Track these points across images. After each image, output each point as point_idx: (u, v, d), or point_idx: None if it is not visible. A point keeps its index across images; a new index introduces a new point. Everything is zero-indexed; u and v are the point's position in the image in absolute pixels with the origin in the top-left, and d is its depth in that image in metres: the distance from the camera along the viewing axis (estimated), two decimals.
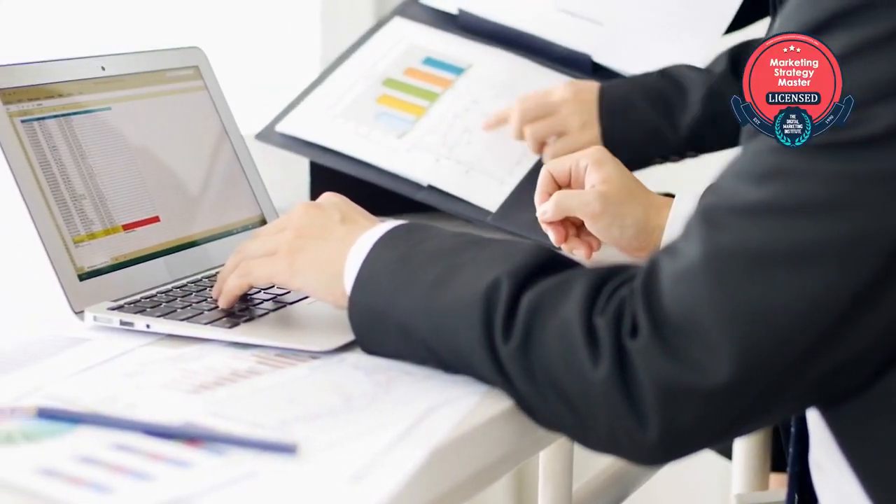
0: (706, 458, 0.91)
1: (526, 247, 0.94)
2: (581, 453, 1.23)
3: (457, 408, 0.90)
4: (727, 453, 1.69)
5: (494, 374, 0.91)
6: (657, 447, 0.85)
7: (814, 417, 0.97)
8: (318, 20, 2.30)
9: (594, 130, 1.46)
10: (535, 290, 0.89)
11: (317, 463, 0.81)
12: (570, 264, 0.94)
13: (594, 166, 1.25)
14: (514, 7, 1.65)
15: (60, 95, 1.14)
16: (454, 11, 1.67)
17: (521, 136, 1.48)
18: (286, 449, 0.82)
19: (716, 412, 0.84)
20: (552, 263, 0.93)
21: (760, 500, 1.42)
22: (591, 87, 1.49)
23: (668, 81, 1.47)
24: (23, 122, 1.10)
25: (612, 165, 1.26)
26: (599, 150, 1.27)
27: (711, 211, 0.86)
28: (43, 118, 1.12)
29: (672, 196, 1.26)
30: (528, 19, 1.64)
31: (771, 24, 0.87)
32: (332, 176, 1.47)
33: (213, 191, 1.25)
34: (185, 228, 1.21)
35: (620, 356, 0.84)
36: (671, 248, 0.87)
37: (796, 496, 1.09)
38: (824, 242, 0.82)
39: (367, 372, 0.97)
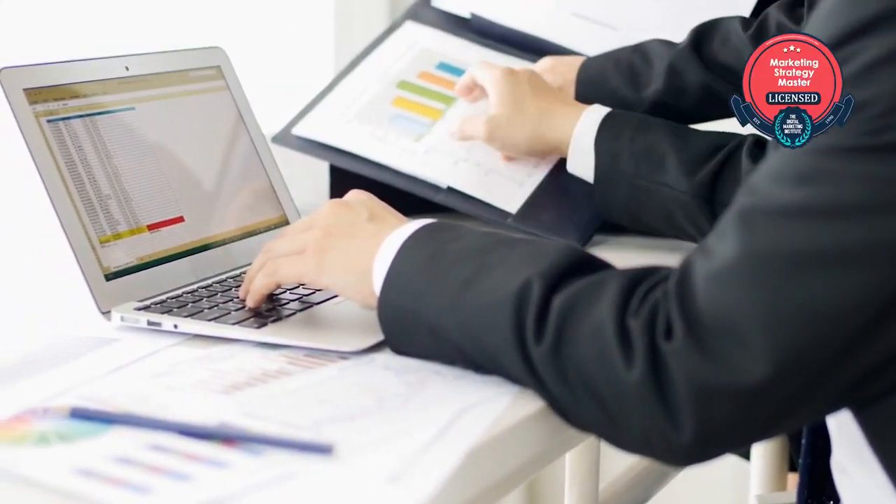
0: (725, 459, 0.91)
1: (557, 247, 0.94)
2: (607, 453, 1.23)
3: (489, 409, 0.90)
4: (745, 454, 1.69)
5: (526, 375, 0.90)
6: (691, 448, 0.85)
7: (836, 420, 0.97)
8: (332, 20, 2.30)
9: (568, 94, 1.49)
10: (567, 292, 0.89)
11: (353, 464, 0.81)
12: (601, 265, 0.93)
13: (492, 87, 1.41)
14: (526, 11, 1.65)
15: (85, 95, 1.14)
16: (466, 15, 1.67)
17: None
18: (322, 449, 0.82)
19: (750, 413, 0.83)
20: (583, 264, 0.92)
21: (780, 501, 1.42)
22: (570, 60, 1.52)
23: (639, 54, 1.48)
24: (48, 121, 1.10)
25: (506, 84, 1.39)
26: (507, 69, 1.40)
27: (747, 212, 0.85)
28: (68, 118, 1.11)
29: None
30: (541, 24, 1.63)
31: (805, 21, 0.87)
32: (351, 176, 1.46)
33: (237, 191, 1.25)
34: (208, 228, 1.20)
35: (654, 358, 0.84)
36: (705, 249, 0.87)
37: (806, 491, 1.09)
38: (859, 244, 0.82)
39: (397, 373, 0.96)
